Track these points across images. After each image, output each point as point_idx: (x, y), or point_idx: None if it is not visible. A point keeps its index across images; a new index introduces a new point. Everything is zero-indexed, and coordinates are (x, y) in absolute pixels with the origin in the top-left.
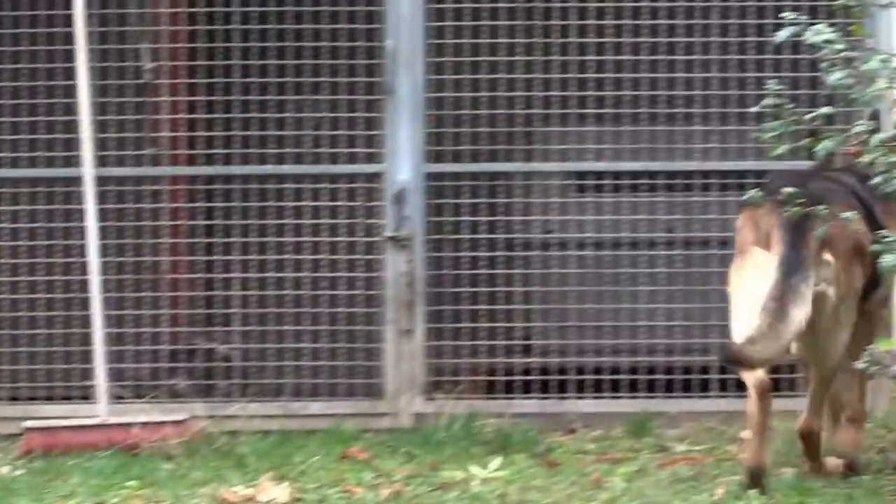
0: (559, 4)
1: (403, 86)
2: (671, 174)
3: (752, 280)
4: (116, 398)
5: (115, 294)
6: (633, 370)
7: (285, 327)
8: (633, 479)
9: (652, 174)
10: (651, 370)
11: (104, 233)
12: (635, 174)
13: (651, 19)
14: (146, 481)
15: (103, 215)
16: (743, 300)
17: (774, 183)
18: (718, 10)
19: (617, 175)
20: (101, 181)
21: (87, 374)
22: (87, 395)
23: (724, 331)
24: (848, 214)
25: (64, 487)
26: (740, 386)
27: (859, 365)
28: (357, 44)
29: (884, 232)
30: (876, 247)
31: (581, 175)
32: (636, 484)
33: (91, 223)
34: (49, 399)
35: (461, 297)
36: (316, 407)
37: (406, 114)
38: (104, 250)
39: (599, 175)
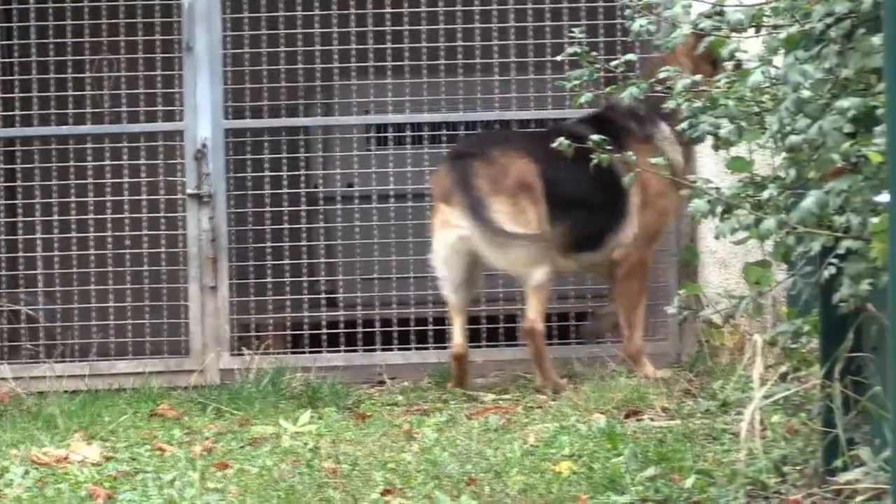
0: None
1: (200, 42)
2: (471, 125)
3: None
4: None
5: None
6: (439, 321)
7: (90, 287)
8: (444, 430)
9: (452, 125)
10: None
11: None
12: (436, 126)
13: None
14: None
15: None
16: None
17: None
18: None
19: (417, 127)
20: None
21: None
22: None
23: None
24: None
25: None
26: (548, 333)
27: (670, 310)
28: (153, 1)
29: (693, 177)
30: (685, 192)
31: (381, 128)
32: (447, 434)
33: None
34: None
35: (265, 252)
36: (123, 366)
37: (204, 71)
38: None
39: (400, 127)
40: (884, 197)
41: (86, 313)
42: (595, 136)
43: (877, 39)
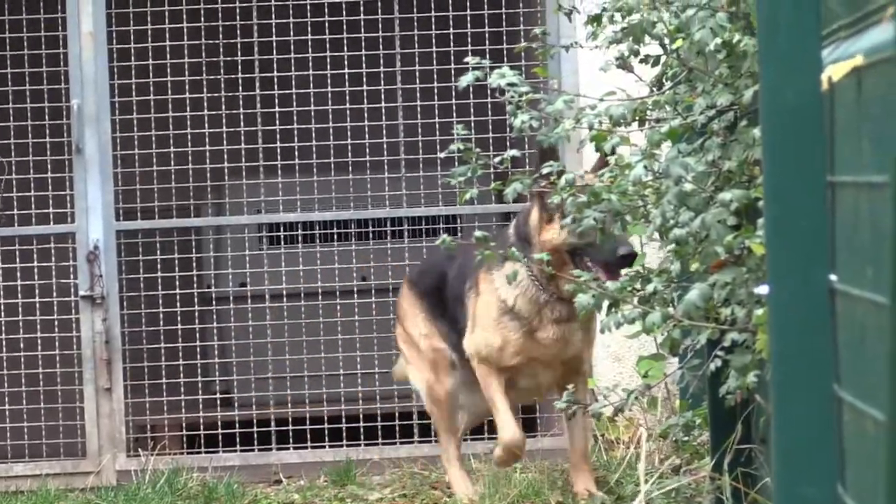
0: (244, 58)
1: (91, 144)
2: (362, 222)
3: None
4: None
5: None
6: (335, 419)
7: None
8: None
9: (344, 223)
10: (352, 419)
11: None
12: (327, 224)
13: (336, 69)
14: None
15: None
16: None
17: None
18: (404, 57)
19: (309, 226)
20: None
21: None
22: None
23: None
24: None
25: None
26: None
27: (558, 405)
28: (43, 104)
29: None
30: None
31: (273, 227)
32: None
33: None
34: None
35: (159, 352)
36: (20, 468)
37: (95, 172)
38: None
39: (291, 226)
40: (764, 289)
41: None
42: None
43: (758, 131)
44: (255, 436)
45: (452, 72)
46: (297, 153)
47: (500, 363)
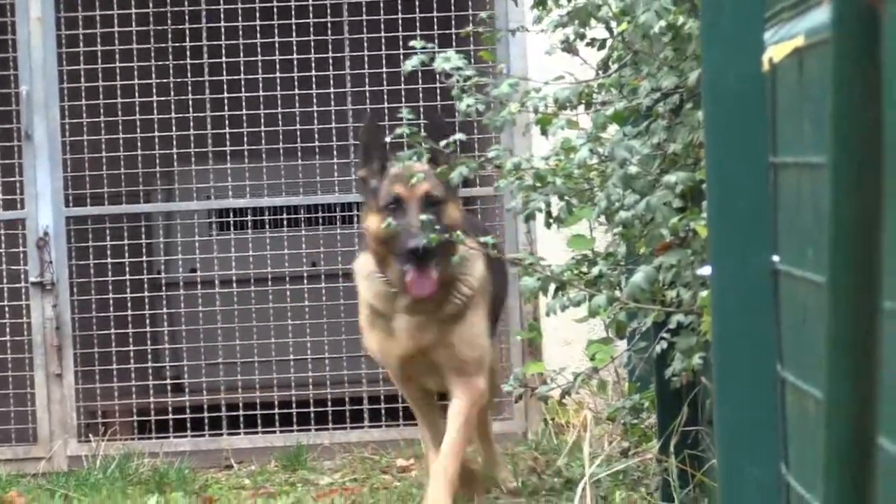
0: (192, 44)
1: (40, 130)
2: (311, 208)
3: None
4: None
5: None
6: (285, 404)
7: None
8: None
9: (294, 209)
10: (302, 403)
11: None
12: (277, 209)
13: (285, 54)
14: None
15: None
16: None
17: None
18: (352, 42)
19: (259, 211)
20: None
21: None
22: None
23: (373, 361)
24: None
25: None
26: (390, 415)
27: (506, 387)
28: None
29: (522, 254)
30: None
31: (223, 213)
32: None
33: None
34: None
35: (110, 338)
36: None
37: (44, 158)
38: None
39: (241, 212)
40: (707, 270)
41: None
42: None
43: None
44: (206, 421)
45: (401, 56)
46: (246, 139)
47: (389, 367)
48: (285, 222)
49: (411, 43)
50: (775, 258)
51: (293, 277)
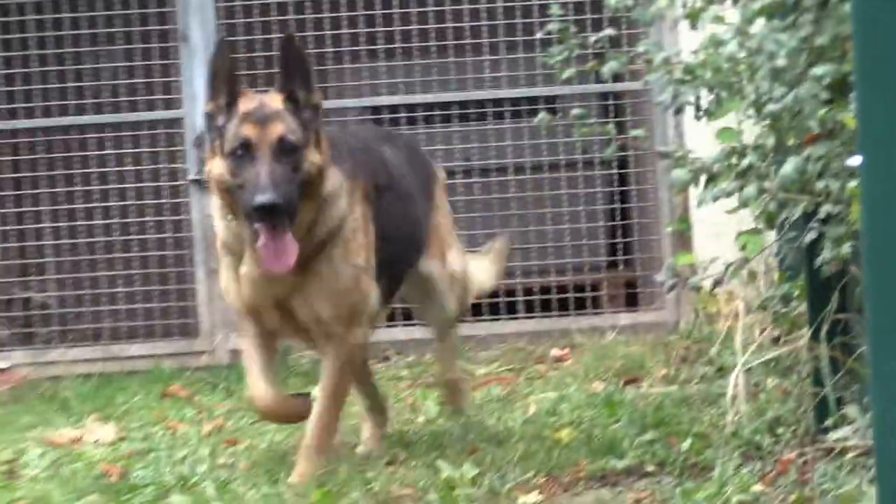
0: None
1: (196, 32)
2: (464, 104)
3: None
4: None
5: None
6: None
7: (99, 273)
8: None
9: (445, 105)
10: None
11: None
12: (429, 106)
13: None
14: None
15: None
16: None
17: None
18: None
19: (411, 108)
20: None
21: None
22: None
23: (527, 254)
24: None
25: None
26: (544, 307)
27: (658, 278)
28: None
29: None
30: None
31: (375, 110)
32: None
33: None
34: None
35: None
36: (135, 349)
37: (200, 60)
38: None
39: (394, 109)
40: (856, 160)
41: (97, 299)
42: None
43: (850, 6)
44: None
45: None
46: (398, 37)
47: (238, 309)
48: (437, 119)
49: None
50: None
51: (448, 172)
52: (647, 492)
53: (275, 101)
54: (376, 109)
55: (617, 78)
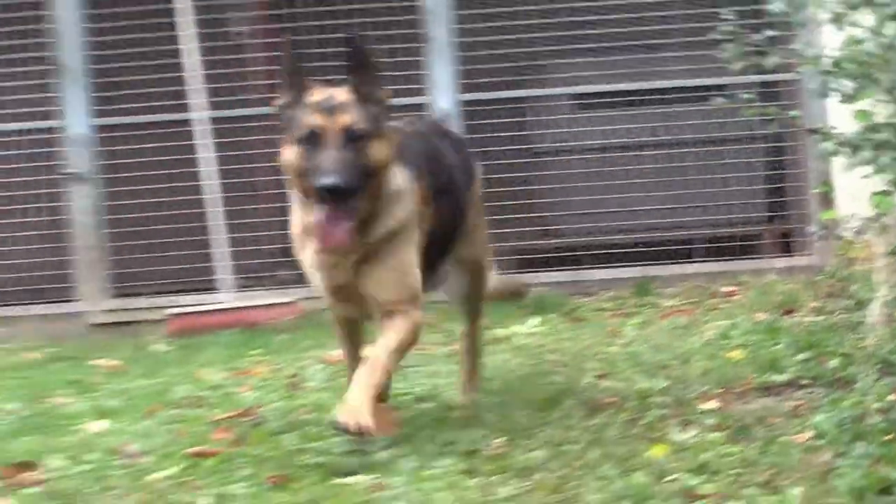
0: None
1: (438, 34)
2: (652, 91)
3: None
4: (239, 288)
5: (235, 208)
6: (634, 245)
7: None
8: (641, 329)
9: (638, 91)
10: (647, 244)
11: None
12: (623, 92)
13: None
14: (266, 350)
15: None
16: None
17: None
18: None
19: (612, 94)
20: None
21: (215, 270)
22: (215, 287)
23: (705, 210)
24: None
25: (203, 358)
26: (718, 252)
27: (810, 229)
28: (394, 4)
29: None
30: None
31: (581, 95)
32: (643, 332)
33: (207, 156)
34: (185, 291)
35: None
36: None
37: (442, 56)
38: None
39: (598, 95)
40: None
41: None
42: None
43: None
44: (572, 259)
45: None
46: (600, 34)
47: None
48: (628, 103)
49: None
50: None
51: (637, 146)
52: (803, 401)
53: (342, 93)
54: (581, 96)
55: (775, 70)
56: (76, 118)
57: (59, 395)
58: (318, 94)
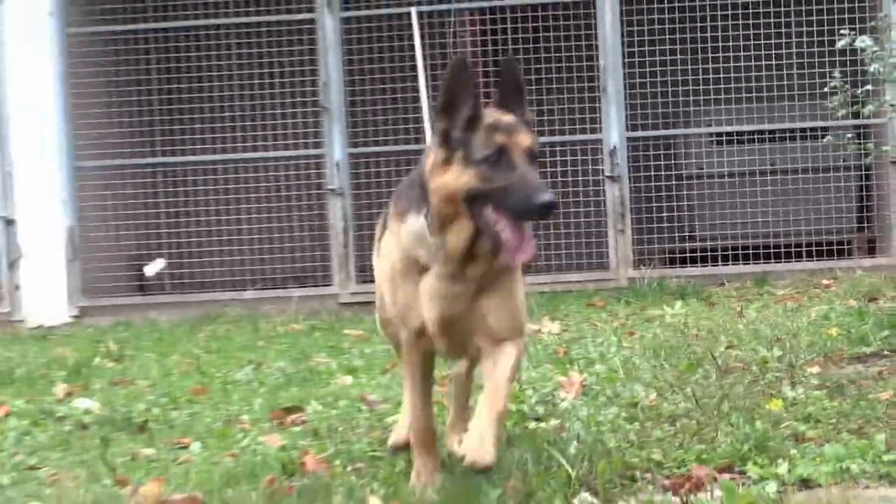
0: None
1: (611, 87)
2: (773, 131)
3: None
4: None
5: None
6: (758, 247)
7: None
8: (760, 311)
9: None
10: (767, 247)
11: None
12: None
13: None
14: None
15: None
16: None
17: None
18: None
19: (741, 133)
20: None
21: None
22: None
23: (808, 221)
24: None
25: None
26: (818, 255)
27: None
28: (575, 64)
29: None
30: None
31: (720, 134)
32: (762, 313)
33: None
34: None
35: (651, 209)
36: (571, 276)
37: (614, 103)
38: None
39: (731, 134)
40: None
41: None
42: None
43: None
44: (709, 256)
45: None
46: (731, 84)
47: (407, 326)
48: (755, 140)
49: (842, 31)
50: None
51: (760, 172)
52: (885, 367)
53: (509, 116)
54: (721, 135)
55: (869, 116)
56: (336, 148)
57: (317, 356)
58: (488, 116)
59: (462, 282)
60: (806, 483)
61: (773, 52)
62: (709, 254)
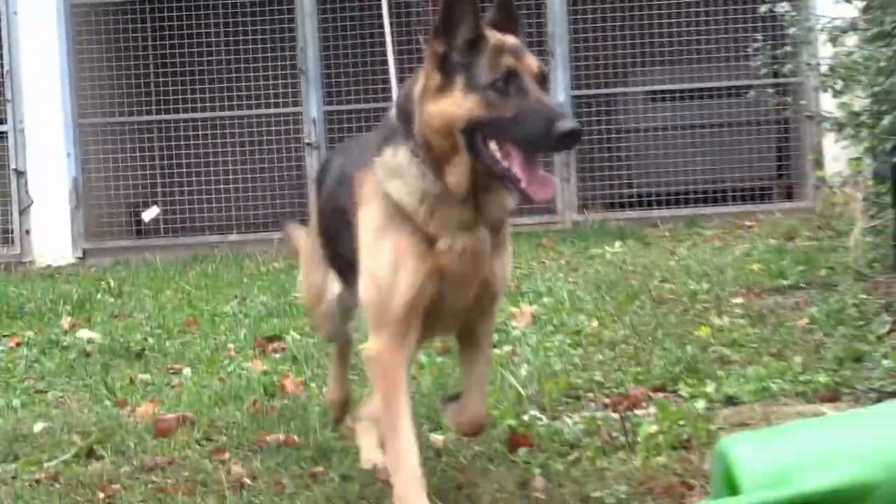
0: None
1: (558, 50)
2: (699, 89)
3: None
4: None
5: None
6: (688, 192)
7: None
8: (690, 249)
9: (691, 90)
10: (696, 192)
11: None
12: (675, 90)
13: None
14: None
15: None
16: None
17: None
18: None
19: (664, 91)
20: None
21: None
22: None
23: (734, 169)
24: None
25: None
26: (743, 198)
27: (812, 182)
28: (526, 30)
29: (817, 110)
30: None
31: (655, 93)
32: (692, 251)
33: None
34: None
35: (604, 148)
36: (522, 220)
37: (561, 64)
38: None
39: (666, 92)
40: None
41: None
42: None
43: None
44: (645, 202)
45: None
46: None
47: (399, 297)
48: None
49: None
50: None
51: (689, 126)
52: (801, 298)
53: (512, 38)
54: (656, 93)
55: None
56: (312, 106)
57: (295, 291)
58: (496, 37)
59: (477, 232)
60: (731, 400)
61: (703, 18)
62: (645, 199)
